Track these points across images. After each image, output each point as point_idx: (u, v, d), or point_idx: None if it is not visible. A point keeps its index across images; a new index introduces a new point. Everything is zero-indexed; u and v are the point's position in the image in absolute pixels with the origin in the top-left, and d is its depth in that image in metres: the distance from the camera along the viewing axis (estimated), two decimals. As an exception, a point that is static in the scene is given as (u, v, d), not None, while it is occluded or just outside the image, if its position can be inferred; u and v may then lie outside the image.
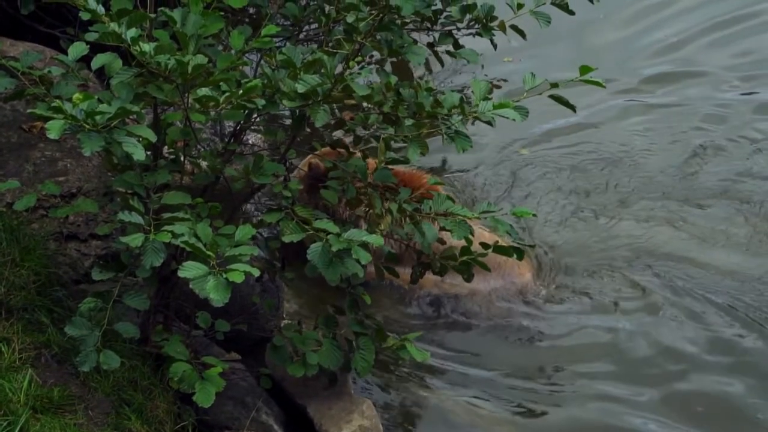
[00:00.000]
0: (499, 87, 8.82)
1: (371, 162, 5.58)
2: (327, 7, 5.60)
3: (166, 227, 4.47)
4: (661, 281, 7.19)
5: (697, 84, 9.28)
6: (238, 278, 4.14)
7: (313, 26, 6.26)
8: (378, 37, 5.12)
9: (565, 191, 8.04)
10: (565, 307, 7.00)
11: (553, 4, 5.60)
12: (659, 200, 7.95)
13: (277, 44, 5.46)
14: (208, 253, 4.27)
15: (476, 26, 5.90)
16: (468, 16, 5.88)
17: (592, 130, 8.64)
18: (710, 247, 7.51)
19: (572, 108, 5.13)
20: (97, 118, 4.29)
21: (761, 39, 9.77)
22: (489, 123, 4.91)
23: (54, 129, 4.22)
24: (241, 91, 4.56)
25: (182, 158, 5.03)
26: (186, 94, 4.61)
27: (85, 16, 4.56)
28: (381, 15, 5.02)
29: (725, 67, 9.48)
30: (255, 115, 5.07)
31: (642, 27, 9.99)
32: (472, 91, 4.94)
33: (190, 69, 4.45)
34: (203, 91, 4.57)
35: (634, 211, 7.83)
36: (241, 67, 4.75)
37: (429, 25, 6.03)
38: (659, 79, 9.33)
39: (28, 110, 4.56)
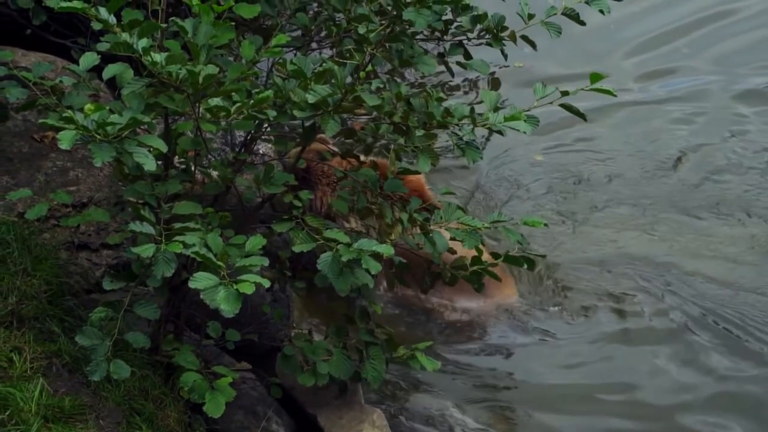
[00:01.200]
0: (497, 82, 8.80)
1: (382, 162, 5.56)
2: (337, 16, 5.61)
3: (177, 237, 4.47)
4: (658, 299, 6.99)
5: (686, 80, 9.29)
6: (248, 289, 4.14)
7: (320, 33, 6.27)
8: (389, 47, 5.13)
9: (556, 197, 7.98)
10: (558, 329, 6.82)
11: (564, 14, 5.60)
12: (650, 208, 7.86)
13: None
14: (219, 263, 4.27)
15: (487, 36, 5.90)
16: (478, 27, 5.88)
17: (585, 126, 8.41)
18: (707, 257, 7.37)
19: (582, 117, 5.12)
20: (108, 128, 4.29)
21: (747, 35, 9.79)
22: (500, 133, 4.92)
23: (65, 139, 4.23)
24: (252, 102, 4.57)
25: (193, 168, 5.04)
26: (197, 104, 4.62)
27: (96, 27, 4.58)
28: (392, 26, 5.03)
29: (710, 60, 9.47)
30: (266, 125, 5.08)
31: (627, 20, 9.94)
32: (481, 99, 4.96)
33: (201, 79, 4.45)
34: (214, 101, 4.58)
35: (627, 222, 7.73)
36: (251, 77, 4.76)
37: (439, 36, 6.02)
38: (650, 75, 9.34)
39: (40, 120, 4.56)
